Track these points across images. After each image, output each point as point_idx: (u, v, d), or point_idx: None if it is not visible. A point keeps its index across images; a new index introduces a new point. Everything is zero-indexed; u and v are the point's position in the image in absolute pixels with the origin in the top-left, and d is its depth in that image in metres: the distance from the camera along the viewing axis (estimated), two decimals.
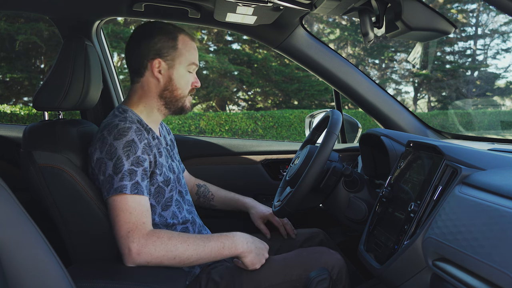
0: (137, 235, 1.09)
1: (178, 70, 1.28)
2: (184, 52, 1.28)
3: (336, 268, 1.24)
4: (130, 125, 1.17)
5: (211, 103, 13.77)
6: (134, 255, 1.07)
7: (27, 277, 0.60)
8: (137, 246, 1.08)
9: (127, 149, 1.14)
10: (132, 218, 1.10)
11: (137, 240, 1.08)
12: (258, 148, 1.96)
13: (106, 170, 1.14)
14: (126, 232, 1.09)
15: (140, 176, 1.14)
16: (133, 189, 1.12)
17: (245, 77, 12.91)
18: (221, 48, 13.32)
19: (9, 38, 10.42)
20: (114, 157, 1.13)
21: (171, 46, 1.27)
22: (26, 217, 0.63)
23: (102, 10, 1.72)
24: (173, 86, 1.28)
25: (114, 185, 1.12)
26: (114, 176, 1.12)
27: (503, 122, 12.51)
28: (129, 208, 1.11)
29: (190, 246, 1.11)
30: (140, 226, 1.10)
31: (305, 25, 1.74)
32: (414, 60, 1.56)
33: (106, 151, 1.15)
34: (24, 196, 1.13)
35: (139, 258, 1.08)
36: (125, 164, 1.13)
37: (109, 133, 1.16)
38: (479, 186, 0.87)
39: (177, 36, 1.28)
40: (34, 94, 1.24)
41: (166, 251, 1.09)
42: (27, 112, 9.46)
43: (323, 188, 1.37)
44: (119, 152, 1.13)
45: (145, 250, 1.08)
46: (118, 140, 1.14)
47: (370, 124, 10.62)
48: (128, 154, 1.13)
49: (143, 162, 1.16)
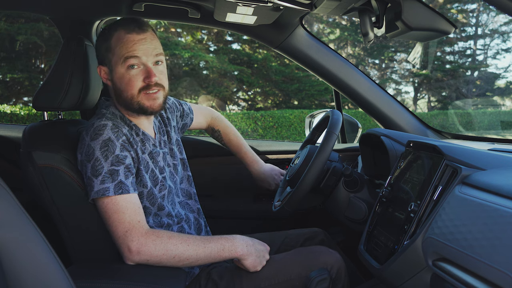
0: (135, 234, 1.08)
1: (116, 71, 1.19)
2: (116, 50, 1.17)
3: (335, 267, 1.24)
4: (105, 122, 1.14)
5: (211, 103, 13.77)
6: (134, 254, 1.07)
7: (27, 277, 0.60)
8: (136, 245, 1.07)
9: (104, 149, 1.11)
10: (126, 218, 1.09)
11: (137, 239, 1.07)
12: (258, 148, 1.96)
13: (86, 172, 1.12)
14: (123, 232, 1.08)
15: (123, 174, 1.12)
16: (117, 190, 1.10)
17: (245, 77, 12.90)
18: (221, 48, 13.32)
19: (9, 38, 10.42)
20: (92, 159, 1.11)
21: (106, 48, 1.20)
22: (26, 217, 0.63)
23: (102, 10, 1.72)
24: (118, 90, 1.21)
25: (94, 187, 1.10)
26: (93, 178, 1.10)
27: (503, 122, 12.50)
28: (120, 208, 1.09)
29: (190, 247, 1.11)
30: (137, 225, 1.09)
31: (305, 25, 1.74)
32: (414, 60, 1.57)
33: (85, 153, 1.13)
34: (24, 196, 1.14)
35: (139, 257, 1.07)
36: (104, 165, 1.10)
37: (86, 134, 1.15)
38: (479, 186, 0.87)
39: (111, 35, 1.19)
40: (34, 94, 1.24)
41: (166, 250, 1.08)
42: (27, 112, 9.45)
43: (323, 188, 1.37)
44: (96, 153, 1.11)
45: (145, 249, 1.07)
46: (94, 140, 1.12)
47: (370, 124, 10.61)
48: (106, 155, 1.11)
49: (124, 160, 1.13)
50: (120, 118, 1.23)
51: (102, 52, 1.21)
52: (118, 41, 1.18)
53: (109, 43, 1.19)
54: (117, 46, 1.17)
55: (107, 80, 1.24)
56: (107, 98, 1.31)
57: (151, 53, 1.19)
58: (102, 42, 1.22)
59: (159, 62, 1.22)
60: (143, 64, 1.18)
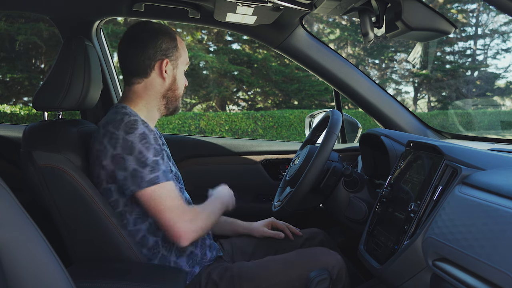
0: (183, 216, 1.15)
1: (179, 70, 1.32)
2: (182, 52, 1.32)
3: (336, 268, 1.24)
4: (135, 118, 1.18)
5: (211, 103, 13.77)
6: (188, 235, 1.15)
7: (27, 277, 0.60)
8: (186, 228, 1.15)
9: (143, 141, 1.15)
10: (174, 203, 1.16)
11: (185, 223, 1.15)
12: (258, 148, 1.97)
13: (129, 165, 1.13)
14: (173, 217, 1.14)
15: (162, 164, 1.17)
16: (163, 178, 1.15)
17: (245, 77, 12.90)
18: (221, 48, 13.32)
19: (9, 38, 10.42)
20: (134, 152, 1.13)
21: (174, 46, 1.29)
22: (26, 217, 0.63)
23: (102, 10, 1.72)
24: (175, 86, 1.31)
25: (145, 178, 1.13)
26: (141, 169, 1.13)
27: (503, 122, 12.50)
28: (168, 195, 1.15)
29: (213, 215, 1.26)
30: (182, 208, 1.17)
31: (305, 25, 1.74)
32: (414, 60, 1.57)
33: (122, 147, 1.13)
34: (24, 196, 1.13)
35: (192, 236, 1.16)
36: (148, 156, 1.14)
37: (116, 128, 1.15)
38: (479, 186, 0.87)
39: (176, 36, 1.31)
40: (34, 94, 1.24)
41: (205, 224, 1.21)
42: (27, 112, 9.46)
43: (323, 188, 1.37)
44: (137, 146, 1.13)
45: (194, 228, 1.16)
46: (130, 134, 1.14)
47: (370, 124, 10.62)
48: (148, 147, 1.15)
49: (160, 152, 1.19)
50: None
51: (170, 48, 1.28)
52: (183, 45, 1.33)
53: (176, 43, 1.30)
54: (183, 49, 1.32)
55: (165, 73, 1.28)
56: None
57: None
58: (169, 39, 1.28)
59: None
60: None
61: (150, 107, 1.30)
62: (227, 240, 1.53)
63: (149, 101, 1.29)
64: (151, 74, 1.27)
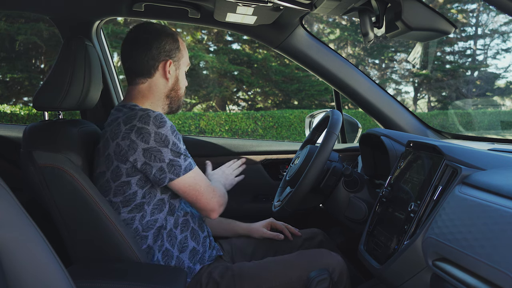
0: (214, 194, 1.28)
1: (182, 70, 1.35)
2: (184, 53, 1.35)
3: (337, 270, 1.24)
4: (159, 112, 1.20)
5: (211, 103, 13.77)
6: (220, 208, 1.29)
7: (27, 277, 0.60)
8: (219, 201, 1.29)
9: (174, 134, 1.20)
10: (207, 183, 1.27)
11: (217, 198, 1.28)
12: (258, 148, 1.97)
13: (165, 157, 1.17)
14: (208, 196, 1.26)
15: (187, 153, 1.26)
16: (194, 163, 1.25)
17: (245, 77, 12.90)
18: (221, 48, 13.32)
19: (9, 38, 10.42)
20: (169, 143, 1.17)
21: (176, 47, 1.32)
22: (26, 217, 0.63)
23: (102, 10, 1.72)
24: (178, 86, 1.35)
25: (182, 166, 1.20)
26: (177, 159, 1.19)
27: (503, 122, 12.50)
28: (201, 178, 1.25)
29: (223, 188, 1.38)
30: (211, 187, 1.28)
31: (305, 25, 1.74)
32: (414, 60, 1.57)
33: (156, 140, 1.16)
34: (24, 196, 1.13)
35: (221, 209, 1.31)
36: (181, 147, 1.21)
37: (145, 123, 1.15)
38: (479, 186, 0.87)
39: (178, 38, 1.33)
40: (34, 94, 1.24)
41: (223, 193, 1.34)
42: (27, 112, 9.46)
43: (323, 188, 1.37)
44: (171, 138, 1.18)
45: (222, 201, 1.31)
46: (162, 127, 1.17)
47: (370, 124, 10.62)
48: (179, 138, 1.21)
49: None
50: None
51: (173, 49, 1.31)
52: (184, 46, 1.35)
53: (178, 44, 1.32)
54: (184, 50, 1.35)
55: (169, 74, 1.31)
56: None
57: None
58: (172, 41, 1.31)
59: None
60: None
61: (155, 106, 1.32)
62: (227, 240, 1.53)
63: (154, 100, 1.31)
64: (155, 74, 1.29)
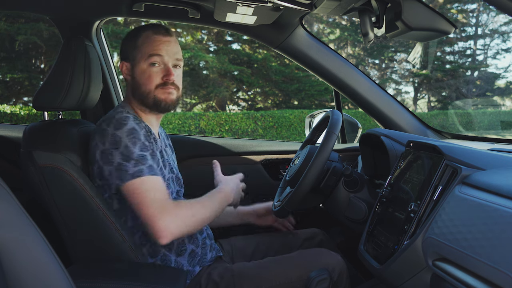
0: (165, 212, 1.10)
1: (139, 67, 1.27)
2: (142, 47, 1.27)
3: (337, 269, 1.24)
4: (127, 115, 1.19)
5: (211, 103, 13.76)
6: (168, 233, 1.09)
7: (27, 277, 0.60)
8: (167, 223, 1.09)
9: (131, 136, 1.15)
10: (157, 197, 1.12)
11: (167, 217, 1.10)
12: (258, 148, 1.96)
13: (114, 160, 1.14)
14: (153, 211, 1.10)
15: (150, 159, 1.17)
16: (149, 171, 1.14)
17: (245, 77, 12.90)
18: (221, 48, 13.31)
19: (9, 38, 10.42)
20: (121, 146, 1.14)
21: (132, 46, 1.29)
22: (26, 217, 0.63)
23: (102, 10, 1.72)
24: (136, 84, 1.28)
25: (129, 171, 1.13)
26: (125, 163, 1.13)
27: (503, 122, 12.50)
28: (152, 188, 1.13)
29: (206, 210, 1.21)
30: (165, 203, 1.13)
31: (305, 25, 1.74)
32: (414, 60, 1.56)
33: (110, 142, 1.15)
34: (24, 196, 1.13)
35: (173, 235, 1.10)
36: (134, 151, 1.14)
37: (107, 125, 1.17)
38: (479, 186, 0.87)
39: (140, 35, 1.29)
40: (34, 94, 1.25)
41: (191, 220, 1.15)
42: (27, 112, 9.45)
43: (323, 188, 1.37)
44: (124, 140, 1.14)
45: (176, 225, 1.11)
46: (119, 129, 1.15)
47: (370, 124, 10.61)
48: (135, 141, 1.15)
49: (148, 147, 1.18)
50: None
51: (128, 49, 1.30)
52: (146, 39, 1.27)
53: (136, 41, 1.28)
54: (144, 44, 1.27)
55: (127, 75, 1.30)
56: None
57: (172, 55, 1.28)
58: (129, 40, 1.30)
59: (177, 66, 1.30)
60: (164, 63, 1.27)
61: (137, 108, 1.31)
62: (227, 240, 1.53)
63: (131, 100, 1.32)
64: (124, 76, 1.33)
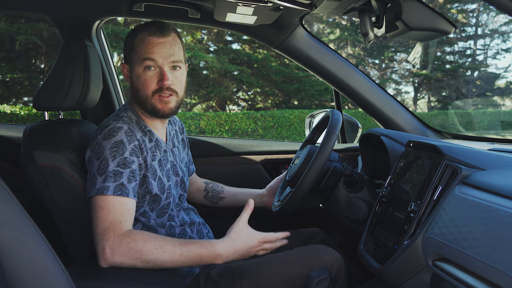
0: (112, 234, 1.06)
1: (135, 70, 1.23)
2: (137, 50, 1.21)
3: (335, 266, 1.24)
4: (121, 125, 1.16)
5: (211, 103, 13.76)
6: (108, 255, 1.04)
7: (27, 277, 0.60)
8: (111, 246, 1.04)
9: (114, 149, 1.12)
10: (109, 217, 1.07)
11: (112, 240, 1.05)
12: (258, 148, 1.96)
13: (93, 169, 1.13)
14: (102, 230, 1.06)
15: (126, 177, 1.12)
16: (116, 191, 1.10)
17: (245, 77, 12.90)
18: (221, 48, 13.31)
19: (9, 38, 10.42)
20: (101, 157, 1.12)
21: (130, 47, 1.24)
22: (26, 217, 0.63)
23: (102, 10, 1.72)
24: (135, 88, 1.24)
25: (96, 185, 1.10)
26: (97, 176, 1.11)
27: (503, 122, 12.50)
28: (108, 206, 1.08)
29: (165, 254, 1.06)
30: (116, 225, 1.07)
31: (305, 25, 1.74)
32: (414, 60, 1.56)
33: (95, 150, 1.14)
34: (24, 196, 1.13)
35: (113, 259, 1.04)
36: (110, 165, 1.11)
37: (100, 133, 1.16)
38: (479, 186, 0.87)
39: (136, 36, 1.23)
40: (34, 94, 1.25)
41: (140, 254, 1.05)
42: (27, 112, 9.46)
43: (323, 188, 1.37)
44: (105, 152, 1.12)
45: (119, 251, 1.04)
46: (106, 140, 1.13)
47: (370, 124, 10.61)
48: (115, 155, 1.11)
49: (131, 164, 1.13)
50: (136, 123, 1.24)
51: (127, 51, 1.26)
52: (140, 41, 1.21)
53: (133, 42, 1.23)
54: (139, 47, 1.21)
55: (128, 78, 1.27)
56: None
57: (167, 58, 1.20)
58: (128, 42, 1.26)
59: (176, 67, 1.23)
60: (159, 67, 1.20)
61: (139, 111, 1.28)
62: None
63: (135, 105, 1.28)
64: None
